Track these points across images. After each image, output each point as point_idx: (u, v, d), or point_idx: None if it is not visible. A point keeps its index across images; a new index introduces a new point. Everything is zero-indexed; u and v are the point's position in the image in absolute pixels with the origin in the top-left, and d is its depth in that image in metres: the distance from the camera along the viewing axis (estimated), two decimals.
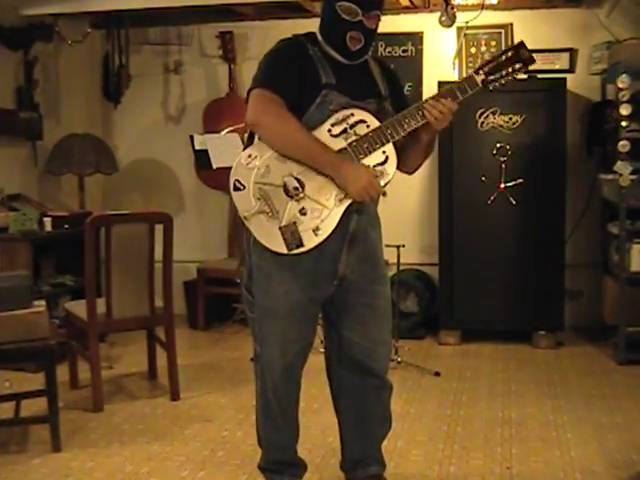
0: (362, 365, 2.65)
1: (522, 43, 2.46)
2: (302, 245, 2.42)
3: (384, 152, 2.45)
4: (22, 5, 5.18)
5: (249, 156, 2.44)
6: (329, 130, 2.43)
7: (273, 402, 2.66)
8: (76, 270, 4.78)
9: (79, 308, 4.00)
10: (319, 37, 2.54)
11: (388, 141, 2.43)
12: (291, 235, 2.41)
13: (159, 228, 3.97)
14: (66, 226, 5.00)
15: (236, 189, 2.43)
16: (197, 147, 4.88)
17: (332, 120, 2.43)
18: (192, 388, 4.21)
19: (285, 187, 2.42)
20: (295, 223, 2.41)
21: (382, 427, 2.78)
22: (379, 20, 2.53)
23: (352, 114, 2.44)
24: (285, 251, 2.41)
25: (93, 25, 5.72)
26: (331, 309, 2.63)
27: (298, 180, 2.42)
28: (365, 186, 2.39)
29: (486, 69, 2.46)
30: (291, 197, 2.42)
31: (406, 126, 2.43)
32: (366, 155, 2.43)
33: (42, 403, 3.44)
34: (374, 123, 2.44)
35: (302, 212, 2.42)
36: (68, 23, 5.56)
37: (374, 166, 2.45)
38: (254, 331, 2.64)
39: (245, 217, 2.43)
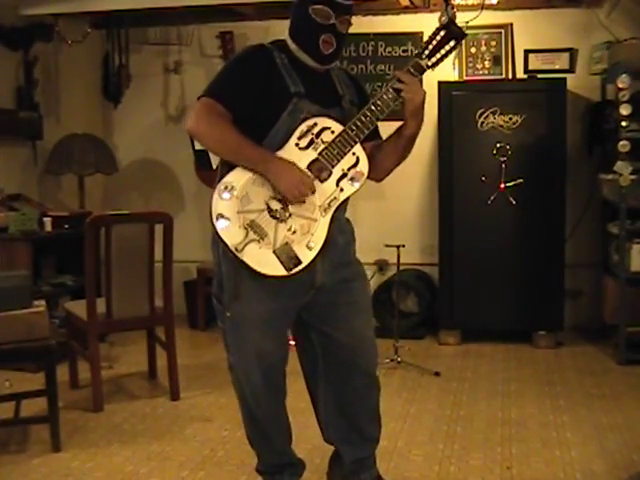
0: (350, 364, 2.63)
1: (451, 20, 2.45)
2: (300, 262, 2.40)
3: (354, 154, 2.45)
4: (22, 5, 5.18)
5: (225, 188, 2.40)
6: (297, 144, 2.42)
7: (256, 411, 2.65)
8: (76, 270, 4.78)
9: (79, 308, 4.00)
10: (290, 42, 2.52)
11: (356, 142, 2.43)
12: (287, 256, 2.39)
13: (159, 228, 3.97)
14: (66, 226, 5.00)
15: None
16: (197, 147, 4.89)
17: (297, 134, 2.41)
18: (192, 388, 4.21)
19: (270, 210, 2.40)
20: (288, 243, 2.40)
21: (373, 427, 2.75)
22: (349, 25, 2.52)
23: (315, 123, 2.42)
24: (285, 273, 2.39)
25: (93, 25, 5.72)
26: (309, 314, 2.61)
27: (280, 200, 2.40)
28: (296, 182, 2.37)
29: (427, 52, 2.46)
30: (277, 219, 2.40)
31: (371, 117, 2.41)
32: (338, 160, 2.43)
33: (42, 403, 3.44)
34: (338, 128, 2.43)
35: (292, 231, 2.41)
36: (68, 23, 5.56)
37: (348, 169, 2.45)
38: (226, 341, 2.62)
39: (237, 249, 2.37)
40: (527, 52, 5.24)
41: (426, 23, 5.46)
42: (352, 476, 2.76)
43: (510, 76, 5.35)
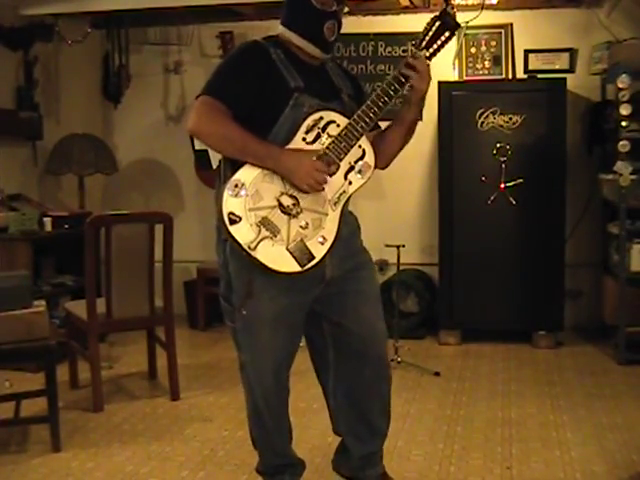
0: (361, 354, 2.62)
1: (444, 10, 2.45)
2: (313, 257, 2.40)
3: (360, 146, 2.46)
4: (22, 5, 5.18)
5: (235, 186, 2.37)
6: (304, 139, 2.41)
7: (264, 410, 2.64)
8: (76, 270, 4.79)
9: (79, 308, 4.00)
10: (289, 34, 2.51)
11: (362, 134, 2.43)
12: (300, 252, 2.38)
13: (159, 228, 3.97)
14: (66, 226, 5.00)
15: (232, 222, 2.35)
16: (197, 147, 4.86)
17: (304, 128, 2.41)
18: (192, 388, 4.21)
19: (281, 206, 2.39)
20: (301, 239, 2.39)
21: (382, 420, 2.74)
22: (345, 13, 2.56)
23: (321, 117, 2.42)
24: (299, 269, 2.38)
25: (93, 25, 5.72)
26: (319, 304, 2.60)
27: (291, 196, 2.40)
28: (309, 172, 2.36)
29: (424, 44, 2.46)
30: (289, 214, 2.39)
31: (376, 109, 2.41)
32: (345, 153, 2.43)
33: (42, 403, 3.44)
34: (343, 121, 2.43)
35: (303, 226, 2.40)
36: (68, 23, 5.56)
37: (355, 161, 2.46)
38: (237, 341, 2.62)
39: (250, 248, 2.35)
40: (527, 52, 5.24)
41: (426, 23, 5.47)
42: (358, 471, 2.77)
43: (510, 76, 5.35)
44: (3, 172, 5.15)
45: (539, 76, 5.11)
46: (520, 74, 5.30)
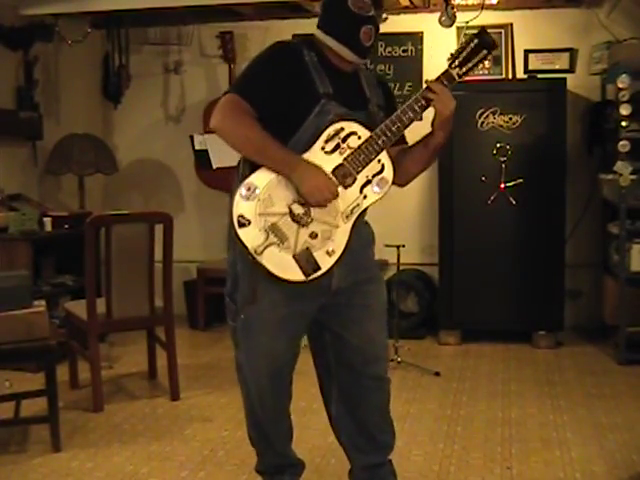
0: (359, 367, 2.61)
1: (483, 29, 2.42)
2: (319, 268, 2.37)
3: (379, 161, 2.42)
4: (22, 5, 5.18)
5: (248, 189, 2.34)
6: (322, 148, 2.37)
7: (259, 411, 2.63)
8: (76, 270, 4.79)
9: (79, 308, 4.00)
10: (324, 37, 2.46)
11: (382, 149, 2.39)
12: (306, 261, 2.35)
13: (159, 228, 3.97)
14: (66, 226, 5.00)
15: (241, 225, 2.32)
16: (197, 147, 4.89)
17: (324, 137, 2.37)
18: (192, 388, 4.21)
19: (292, 214, 2.35)
20: (308, 248, 2.36)
21: (382, 433, 2.70)
22: (384, 21, 2.52)
23: (342, 128, 2.38)
24: (303, 278, 2.36)
25: (93, 25, 5.72)
26: (324, 313, 2.57)
27: (303, 205, 2.36)
28: (319, 186, 2.32)
29: (457, 62, 2.41)
30: (299, 223, 2.36)
31: (400, 124, 2.37)
32: (364, 167, 2.39)
33: (42, 403, 3.44)
34: (365, 134, 2.39)
35: (312, 236, 2.37)
36: (68, 23, 5.56)
37: (373, 176, 2.42)
38: (235, 339, 2.60)
39: (256, 252, 2.33)
40: (527, 52, 5.25)
41: (426, 23, 5.48)
42: None
43: (510, 76, 5.35)
44: (3, 172, 5.15)
45: (539, 76, 5.11)
46: (520, 74, 5.30)
